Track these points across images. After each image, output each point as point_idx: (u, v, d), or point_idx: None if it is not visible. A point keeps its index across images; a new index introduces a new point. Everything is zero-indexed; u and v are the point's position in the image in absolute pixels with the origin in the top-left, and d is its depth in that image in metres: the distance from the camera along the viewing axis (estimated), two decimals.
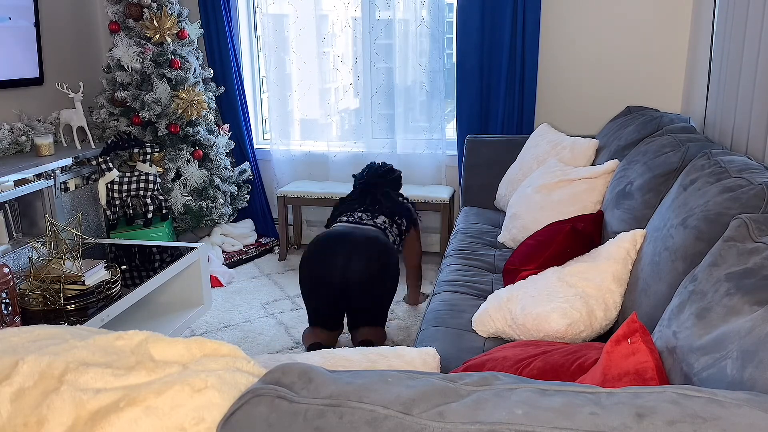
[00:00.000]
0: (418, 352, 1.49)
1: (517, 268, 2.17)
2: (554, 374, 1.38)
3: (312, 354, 1.41)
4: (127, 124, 3.65)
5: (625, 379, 1.11)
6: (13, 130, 3.34)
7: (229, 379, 0.78)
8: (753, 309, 1.04)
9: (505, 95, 3.56)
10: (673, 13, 3.40)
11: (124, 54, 3.51)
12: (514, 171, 3.16)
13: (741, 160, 1.68)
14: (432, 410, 0.70)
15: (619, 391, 0.73)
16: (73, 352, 0.84)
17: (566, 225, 2.18)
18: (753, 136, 2.21)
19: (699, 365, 1.05)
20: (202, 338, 0.88)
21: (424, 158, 3.92)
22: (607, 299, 1.79)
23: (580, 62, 3.58)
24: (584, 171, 2.55)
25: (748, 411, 0.67)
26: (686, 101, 3.39)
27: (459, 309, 2.10)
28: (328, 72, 3.97)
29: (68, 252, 2.53)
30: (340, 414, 0.70)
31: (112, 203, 3.49)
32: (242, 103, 4.00)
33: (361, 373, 0.79)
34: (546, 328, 1.73)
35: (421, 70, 3.81)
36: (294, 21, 3.93)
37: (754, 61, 2.21)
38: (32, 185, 3.05)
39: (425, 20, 3.72)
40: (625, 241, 1.86)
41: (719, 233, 1.40)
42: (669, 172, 1.97)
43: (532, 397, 0.72)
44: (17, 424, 0.76)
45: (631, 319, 1.21)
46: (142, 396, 0.74)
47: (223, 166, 3.79)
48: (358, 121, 4.04)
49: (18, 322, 2.27)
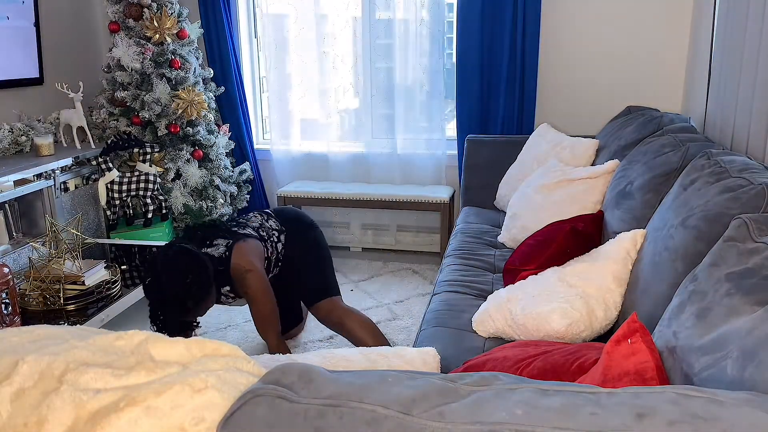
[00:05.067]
0: (418, 352, 1.49)
1: (517, 268, 2.17)
2: (554, 374, 1.38)
3: (312, 354, 1.41)
4: (127, 124, 3.65)
5: (625, 379, 1.11)
6: (13, 130, 3.34)
7: (229, 379, 0.78)
8: (753, 309, 1.04)
9: (505, 95, 3.56)
10: (673, 14, 3.40)
11: (124, 54, 3.51)
12: (514, 171, 3.16)
13: (741, 160, 1.68)
14: (432, 410, 0.70)
15: (620, 391, 0.73)
16: (73, 352, 0.83)
17: (566, 225, 2.18)
18: (753, 136, 2.21)
19: (699, 365, 1.05)
20: (202, 338, 0.88)
21: (424, 158, 3.92)
22: (607, 299, 1.79)
23: (580, 62, 3.58)
24: (584, 171, 2.54)
25: (748, 411, 0.67)
26: (686, 101, 3.39)
27: (459, 309, 2.10)
28: (328, 72, 3.97)
29: (68, 252, 2.53)
30: (340, 414, 0.70)
31: (112, 203, 3.49)
32: (242, 103, 4.00)
33: (361, 373, 0.79)
34: (546, 328, 1.73)
35: (421, 70, 3.81)
36: (294, 21, 3.93)
37: (754, 61, 2.21)
38: (32, 185, 3.05)
39: (425, 20, 3.72)
40: (625, 241, 1.86)
41: (719, 233, 1.40)
42: (669, 172, 1.97)
43: (532, 397, 0.72)
44: (17, 424, 0.76)
45: (631, 319, 1.21)
46: (142, 396, 0.74)
47: (223, 166, 3.79)
48: (358, 121, 4.04)
49: (18, 322, 2.27)
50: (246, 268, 2.37)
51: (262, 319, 2.40)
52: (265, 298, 2.39)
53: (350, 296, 3.35)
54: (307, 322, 3.05)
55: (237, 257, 2.39)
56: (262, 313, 2.39)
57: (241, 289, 2.40)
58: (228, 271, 2.39)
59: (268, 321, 2.40)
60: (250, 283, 2.36)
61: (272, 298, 2.41)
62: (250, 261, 2.39)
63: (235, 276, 2.39)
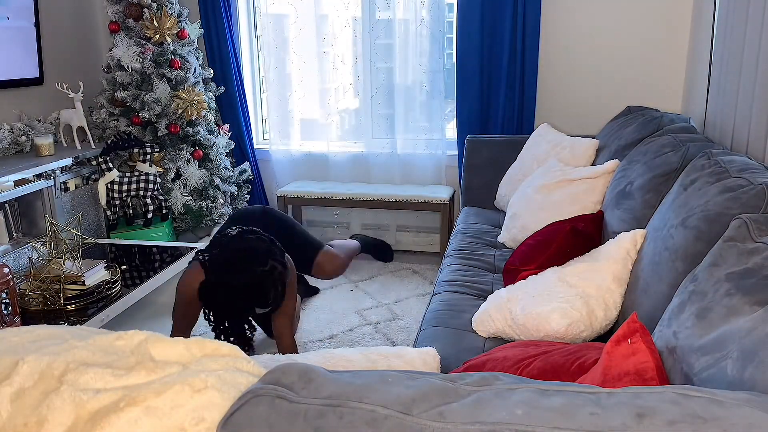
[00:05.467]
0: (418, 352, 1.49)
1: (517, 268, 2.17)
2: (554, 374, 1.38)
3: (312, 354, 1.41)
4: (127, 124, 3.65)
5: (625, 380, 1.11)
6: (13, 130, 3.35)
7: (229, 379, 0.78)
8: (753, 309, 1.04)
9: (505, 95, 3.56)
10: (673, 14, 3.40)
11: (124, 54, 3.51)
12: (514, 171, 3.16)
13: (741, 160, 1.68)
14: (432, 410, 0.70)
15: (619, 391, 0.73)
16: (73, 352, 0.83)
17: (566, 225, 2.18)
18: (753, 136, 2.21)
19: (699, 365, 1.05)
20: (202, 338, 0.88)
21: (424, 158, 3.92)
22: (607, 299, 1.79)
23: (580, 62, 3.58)
24: (584, 171, 2.55)
25: (749, 411, 0.67)
26: (686, 101, 3.39)
27: (459, 309, 2.10)
28: (328, 72, 3.97)
29: (68, 252, 2.53)
30: (340, 414, 0.70)
31: (112, 203, 3.49)
32: (242, 103, 4.00)
33: (361, 373, 0.79)
34: (546, 328, 1.73)
35: (421, 70, 3.81)
36: (294, 21, 3.93)
37: (754, 61, 2.21)
38: (32, 185, 3.05)
39: (425, 20, 3.72)
40: (625, 241, 1.86)
41: (719, 233, 1.40)
42: (669, 172, 1.97)
43: (532, 397, 0.72)
44: (17, 424, 0.76)
45: (631, 319, 1.21)
46: (142, 396, 0.74)
47: (223, 166, 3.79)
48: (358, 121, 4.04)
49: (18, 322, 2.27)
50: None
51: (284, 314, 2.44)
52: (293, 294, 2.45)
53: (350, 296, 3.35)
54: (307, 323, 3.05)
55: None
56: (287, 309, 2.44)
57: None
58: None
59: (290, 318, 2.45)
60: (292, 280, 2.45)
61: (296, 296, 2.49)
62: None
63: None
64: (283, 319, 2.44)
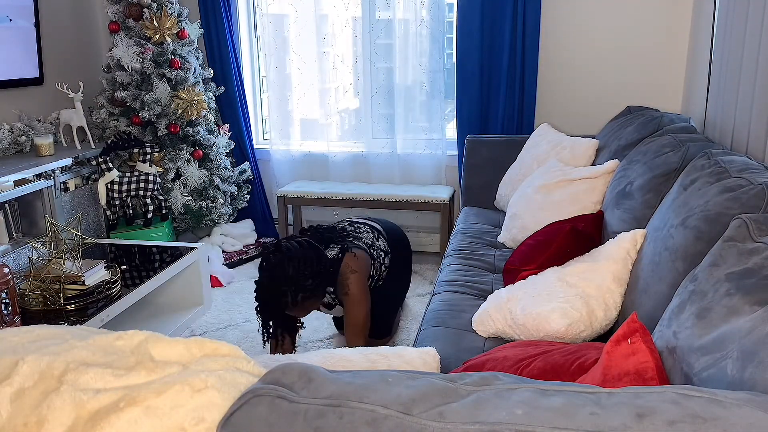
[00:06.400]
0: (418, 352, 1.49)
1: (517, 268, 2.17)
2: (554, 374, 1.38)
3: (312, 354, 1.41)
4: (127, 124, 3.65)
5: (625, 379, 1.11)
6: (13, 130, 3.34)
7: (229, 379, 0.78)
8: (753, 309, 1.04)
9: (505, 95, 3.56)
10: (673, 14, 3.40)
11: (124, 54, 3.51)
12: (514, 171, 3.16)
13: (741, 160, 1.68)
14: (432, 410, 0.70)
15: (619, 391, 0.73)
16: (73, 352, 0.83)
17: (566, 225, 2.18)
18: (753, 136, 2.21)
19: (699, 365, 1.05)
20: (202, 338, 0.88)
21: (424, 158, 3.92)
22: (607, 299, 1.79)
23: (580, 62, 3.58)
24: (584, 171, 2.55)
25: (748, 411, 0.67)
26: (686, 101, 3.39)
27: (459, 309, 2.10)
28: (328, 72, 3.97)
29: (68, 252, 2.53)
30: (340, 414, 0.70)
31: (112, 203, 3.49)
32: (242, 103, 4.00)
33: (361, 373, 0.79)
34: (546, 328, 1.73)
35: (421, 70, 3.81)
36: (294, 21, 3.93)
37: (754, 61, 2.21)
38: (32, 185, 3.05)
39: (425, 20, 3.72)
40: (625, 241, 1.86)
41: (719, 233, 1.40)
42: (669, 172, 1.97)
43: (532, 397, 0.72)
44: (17, 424, 0.76)
45: (631, 319, 1.21)
46: (142, 396, 0.74)
47: (223, 166, 3.79)
48: (358, 121, 4.04)
49: (18, 322, 2.27)
50: (352, 268, 2.43)
51: (354, 325, 2.44)
52: (363, 303, 2.44)
53: None
54: (308, 323, 3.05)
55: (348, 259, 2.46)
56: (357, 318, 2.43)
57: (343, 290, 2.44)
58: (337, 272, 2.43)
59: (360, 328, 2.44)
60: (352, 284, 2.41)
61: (368, 306, 2.46)
62: (359, 265, 2.46)
63: (342, 276, 2.44)
64: (350, 328, 2.45)
